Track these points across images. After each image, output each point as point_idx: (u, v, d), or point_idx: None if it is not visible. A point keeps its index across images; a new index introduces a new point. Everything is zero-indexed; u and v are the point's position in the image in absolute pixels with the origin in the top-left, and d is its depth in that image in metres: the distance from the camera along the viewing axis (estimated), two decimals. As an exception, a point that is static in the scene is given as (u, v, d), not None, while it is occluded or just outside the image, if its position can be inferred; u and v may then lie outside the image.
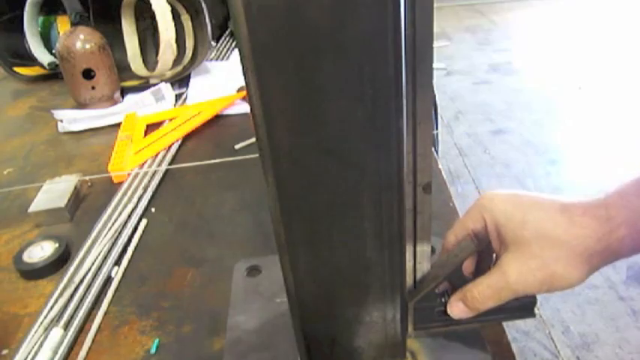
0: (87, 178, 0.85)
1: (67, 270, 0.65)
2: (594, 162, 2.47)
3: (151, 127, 1.02)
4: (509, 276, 0.40)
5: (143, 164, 0.89)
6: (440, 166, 0.79)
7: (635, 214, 0.37)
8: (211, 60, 1.33)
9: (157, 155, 0.91)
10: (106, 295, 0.62)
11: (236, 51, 1.26)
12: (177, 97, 1.16)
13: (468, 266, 0.46)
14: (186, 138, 0.98)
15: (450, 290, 0.44)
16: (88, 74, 1.07)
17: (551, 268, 0.39)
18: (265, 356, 0.49)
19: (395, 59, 0.30)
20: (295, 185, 0.34)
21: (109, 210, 0.76)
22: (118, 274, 0.65)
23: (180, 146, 0.96)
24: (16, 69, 1.35)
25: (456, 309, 0.43)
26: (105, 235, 0.70)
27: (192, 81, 1.20)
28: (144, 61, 1.25)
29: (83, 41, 1.05)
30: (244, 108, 1.06)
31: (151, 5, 1.08)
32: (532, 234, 0.39)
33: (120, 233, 0.72)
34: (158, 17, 1.08)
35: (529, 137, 2.72)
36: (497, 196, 0.42)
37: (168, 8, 1.10)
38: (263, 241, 0.68)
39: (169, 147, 0.94)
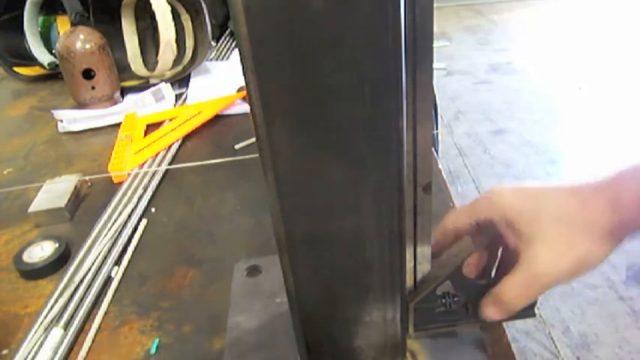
0: (87, 178, 0.85)
1: (67, 270, 0.65)
2: (594, 162, 2.47)
3: (151, 127, 1.02)
4: (538, 267, 0.39)
5: (143, 164, 0.88)
6: (440, 166, 0.79)
7: None
8: (211, 60, 1.32)
9: (157, 155, 0.91)
10: (106, 295, 0.62)
11: (236, 51, 1.26)
12: (177, 97, 1.16)
13: (472, 270, 0.46)
14: (186, 138, 0.98)
15: (451, 292, 0.44)
16: (88, 74, 1.07)
17: (578, 250, 0.38)
18: (265, 356, 0.49)
19: (395, 59, 0.30)
20: (295, 185, 0.34)
21: (109, 210, 0.76)
22: (118, 274, 0.65)
23: (180, 146, 0.96)
24: (16, 69, 1.35)
25: (491, 312, 0.42)
26: (105, 235, 0.70)
27: (192, 81, 1.19)
28: (144, 61, 1.25)
29: (83, 41, 1.05)
30: (244, 108, 1.06)
31: (151, 5, 1.08)
32: (548, 221, 0.39)
33: (120, 233, 0.72)
34: (158, 17, 1.08)
35: (529, 137, 2.72)
36: (505, 191, 0.42)
37: (169, 8, 1.10)
38: (263, 241, 0.68)
39: (169, 147, 0.94)
